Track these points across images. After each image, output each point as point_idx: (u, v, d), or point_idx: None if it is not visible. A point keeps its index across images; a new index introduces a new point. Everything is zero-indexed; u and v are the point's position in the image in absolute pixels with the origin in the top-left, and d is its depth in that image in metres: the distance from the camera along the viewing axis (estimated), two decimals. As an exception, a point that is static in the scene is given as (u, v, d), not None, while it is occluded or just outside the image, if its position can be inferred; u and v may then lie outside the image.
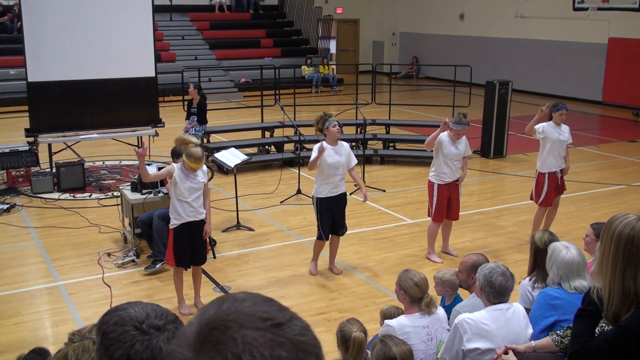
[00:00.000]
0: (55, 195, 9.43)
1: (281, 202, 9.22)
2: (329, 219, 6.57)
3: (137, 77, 10.62)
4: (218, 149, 9.31)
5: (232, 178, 8.51)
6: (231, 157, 8.21)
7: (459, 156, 7.03)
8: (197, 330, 0.92)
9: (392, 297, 5.45)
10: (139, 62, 10.60)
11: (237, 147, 9.20)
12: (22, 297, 6.30)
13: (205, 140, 11.47)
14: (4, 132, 13.51)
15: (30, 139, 10.02)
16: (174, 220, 5.77)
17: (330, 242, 6.84)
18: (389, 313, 4.30)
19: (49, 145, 10.27)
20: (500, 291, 3.57)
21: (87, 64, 10.14)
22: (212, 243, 7.28)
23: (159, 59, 12.87)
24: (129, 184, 7.74)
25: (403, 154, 12.02)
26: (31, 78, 9.89)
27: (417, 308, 3.98)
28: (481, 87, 12.62)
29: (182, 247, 5.78)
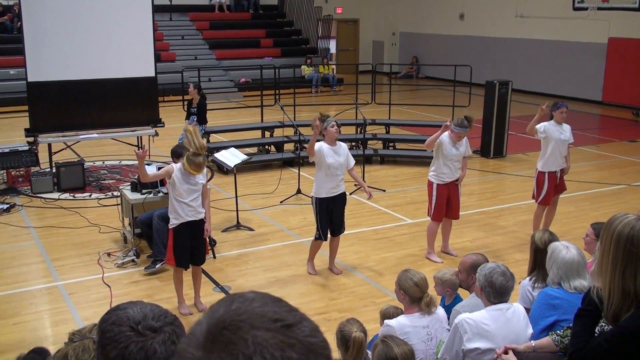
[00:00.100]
0: (55, 195, 9.43)
1: (281, 202, 9.22)
2: (327, 219, 6.58)
3: (137, 77, 10.62)
4: (218, 149, 9.31)
5: (232, 178, 8.51)
6: (231, 157, 8.22)
7: (459, 157, 7.04)
8: (207, 330, 0.91)
9: (392, 297, 5.45)
10: (139, 62, 10.60)
11: (237, 147, 9.20)
12: (22, 297, 6.30)
13: (205, 141, 11.45)
14: (4, 132, 13.51)
15: (30, 139, 10.02)
16: (173, 220, 5.78)
17: (330, 242, 6.84)
18: (389, 313, 4.30)
19: (49, 145, 10.27)
20: (501, 291, 3.57)
21: (87, 64, 10.14)
22: (212, 243, 7.28)
23: (159, 59, 12.87)
24: (128, 183, 7.74)
25: (403, 154, 12.01)
26: (31, 78, 9.89)
27: (417, 308, 3.98)
28: (481, 87, 12.62)
29: (182, 246, 5.79)
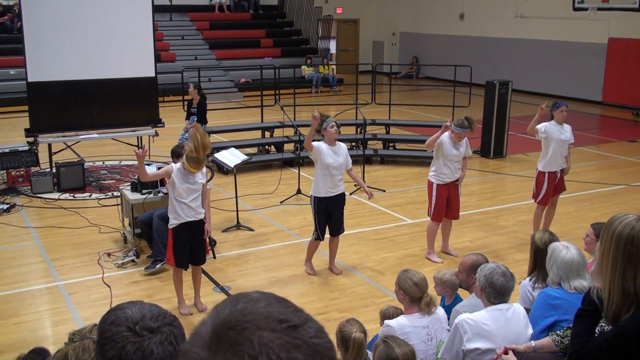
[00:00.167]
0: (55, 195, 9.43)
1: (281, 202, 9.22)
2: (325, 219, 6.58)
3: (137, 77, 10.62)
4: (218, 149, 9.30)
5: (232, 178, 8.51)
6: (231, 157, 8.22)
7: (459, 157, 7.04)
8: (212, 330, 0.91)
9: (392, 297, 5.45)
10: (139, 62, 10.59)
11: (237, 147, 9.20)
12: (22, 297, 6.30)
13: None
14: (4, 132, 13.51)
15: (30, 139, 10.02)
16: (173, 220, 5.77)
17: (329, 243, 6.85)
18: (389, 313, 4.30)
19: (49, 145, 10.27)
20: (501, 292, 3.57)
21: (87, 64, 10.14)
22: (212, 243, 7.28)
23: (159, 59, 12.86)
24: (128, 184, 7.74)
25: (403, 154, 12.01)
26: (31, 78, 9.89)
27: (416, 308, 3.98)
28: (481, 87, 12.62)
29: (181, 247, 5.79)
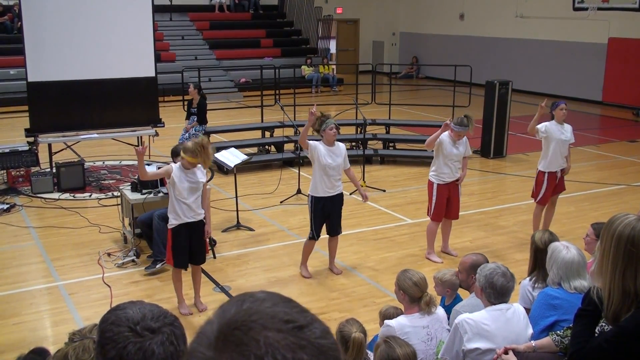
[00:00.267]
0: (55, 195, 9.43)
1: (281, 202, 9.22)
2: (322, 219, 6.58)
3: (137, 77, 10.62)
4: (218, 149, 9.30)
5: (232, 178, 8.51)
6: (231, 157, 8.22)
7: (459, 157, 7.04)
8: (218, 330, 0.91)
9: (392, 297, 5.45)
10: (139, 62, 10.59)
11: (237, 147, 9.20)
12: (22, 297, 6.29)
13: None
14: (4, 132, 13.51)
15: (30, 139, 10.02)
16: (172, 220, 5.76)
17: (328, 243, 6.87)
18: (389, 314, 4.29)
19: (49, 145, 10.27)
20: (502, 292, 3.57)
21: (87, 64, 10.14)
22: (212, 243, 7.27)
23: (159, 59, 12.86)
24: (129, 184, 7.74)
25: (403, 154, 12.01)
26: (31, 78, 9.89)
27: (416, 308, 3.98)
28: (481, 87, 12.62)
29: (180, 247, 5.78)
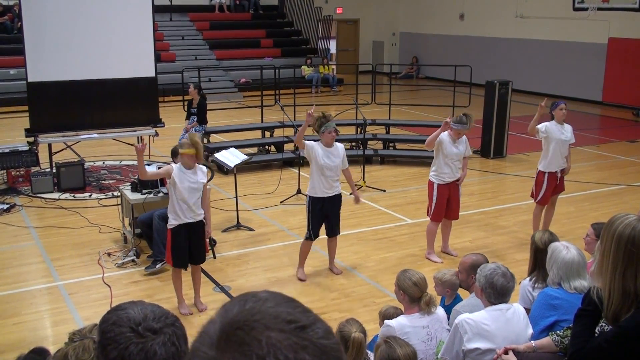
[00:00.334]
0: (55, 195, 9.43)
1: (281, 202, 9.22)
2: (319, 219, 6.58)
3: (137, 77, 10.62)
4: (218, 149, 9.31)
5: (232, 178, 8.51)
6: (231, 157, 8.22)
7: (460, 156, 7.03)
8: (221, 329, 0.91)
9: (392, 297, 5.45)
10: (139, 62, 10.59)
11: (237, 147, 9.20)
12: (22, 297, 6.29)
13: (205, 141, 11.47)
14: (4, 132, 13.51)
15: (30, 139, 10.02)
16: (172, 221, 5.76)
17: (328, 244, 6.88)
18: (388, 314, 4.29)
19: (49, 145, 10.27)
20: (502, 292, 3.57)
21: (87, 64, 10.14)
22: (212, 243, 7.27)
23: (159, 59, 12.86)
24: (129, 184, 7.74)
25: (403, 154, 12.01)
26: (31, 78, 9.89)
27: (416, 308, 3.97)
28: (481, 87, 12.62)
29: (180, 247, 5.78)
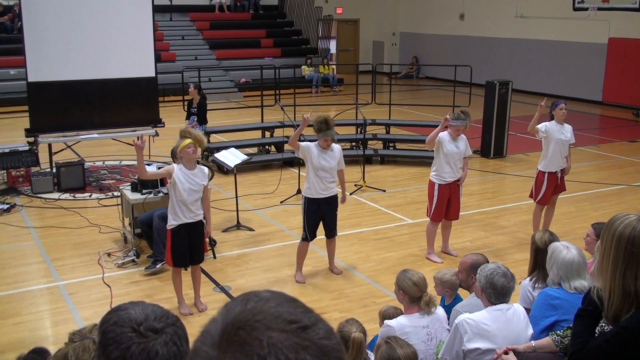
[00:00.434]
0: (56, 195, 9.43)
1: (281, 202, 9.22)
2: (315, 220, 6.57)
3: (137, 77, 10.62)
4: (218, 149, 9.30)
5: (232, 178, 8.51)
6: (231, 157, 8.22)
7: (460, 155, 7.03)
8: (222, 329, 0.92)
9: (392, 297, 5.45)
10: (139, 62, 10.59)
11: (237, 147, 9.21)
12: (22, 297, 6.29)
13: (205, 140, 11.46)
14: (4, 132, 13.51)
15: (31, 139, 10.02)
16: (172, 221, 5.75)
17: (326, 245, 6.88)
18: (388, 314, 4.29)
19: (49, 145, 10.27)
20: (502, 292, 3.57)
21: (87, 64, 10.14)
22: (212, 243, 7.27)
23: (159, 59, 12.86)
24: (129, 184, 7.73)
25: (403, 154, 12.02)
26: (31, 78, 9.89)
27: (416, 308, 3.97)
28: (481, 87, 12.62)
29: (180, 247, 5.77)
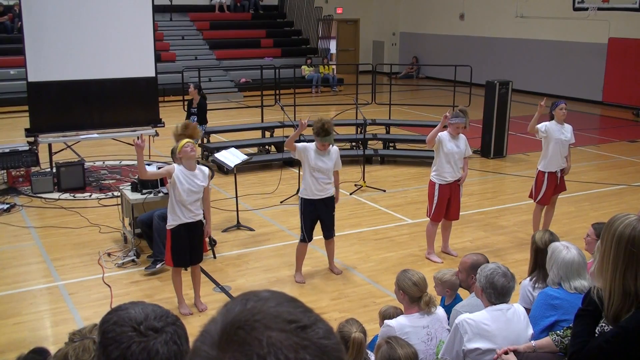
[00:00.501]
0: (56, 195, 9.43)
1: (281, 202, 9.22)
2: (312, 221, 6.56)
3: (137, 77, 10.62)
4: (218, 149, 9.30)
5: (232, 178, 8.51)
6: (231, 157, 8.22)
7: (461, 154, 7.02)
8: (222, 329, 0.92)
9: (392, 297, 5.45)
10: (139, 62, 10.60)
11: (237, 147, 9.20)
12: (22, 297, 6.29)
13: (205, 140, 11.47)
14: (4, 132, 13.51)
15: (31, 139, 10.02)
16: (171, 221, 5.75)
17: (325, 246, 6.88)
18: (388, 314, 4.29)
19: (49, 145, 10.27)
20: (502, 292, 3.57)
21: (87, 64, 10.14)
22: (212, 243, 7.27)
23: (159, 59, 12.86)
24: (129, 183, 7.74)
25: (403, 154, 12.01)
26: (31, 78, 9.89)
27: (416, 308, 3.97)
28: (481, 87, 12.62)
29: (179, 247, 5.77)
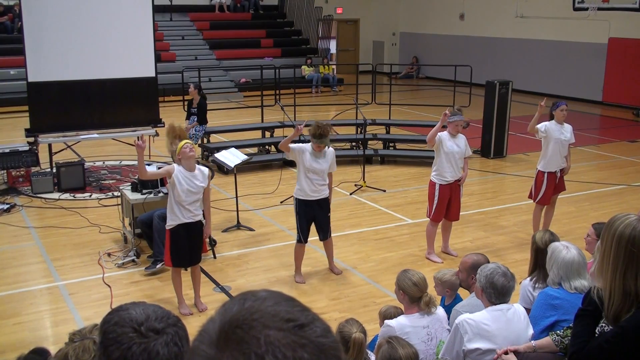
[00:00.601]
0: (56, 195, 9.43)
1: (281, 202, 9.22)
2: (307, 222, 6.55)
3: (137, 77, 10.62)
4: (218, 149, 9.31)
5: (232, 178, 8.51)
6: (231, 157, 8.22)
7: (461, 154, 7.02)
8: (220, 328, 0.92)
9: (392, 297, 5.45)
10: (139, 62, 10.60)
11: (237, 147, 9.21)
12: (22, 297, 6.29)
13: (205, 140, 11.47)
14: (4, 132, 13.51)
15: (31, 139, 10.02)
16: (170, 221, 5.75)
17: (324, 247, 6.88)
18: (389, 314, 4.29)
19: (49, 145, 10.27)
20: (502, 292, 3.57)
21: (87, 64, 10.14)
22: (212, 243, 7.27)
23: (159, 59, 12.87)
24: (129, 184, 7.74)
25: (403, 154, 12.02)
26: (31, 78, 9.89)
27: (416, 308, 3.98)
28: (481, 87, 12.62)
29: (179, 247, 5.77)
